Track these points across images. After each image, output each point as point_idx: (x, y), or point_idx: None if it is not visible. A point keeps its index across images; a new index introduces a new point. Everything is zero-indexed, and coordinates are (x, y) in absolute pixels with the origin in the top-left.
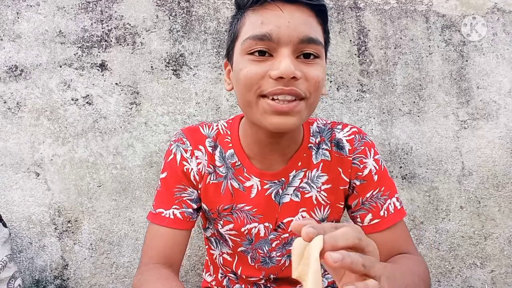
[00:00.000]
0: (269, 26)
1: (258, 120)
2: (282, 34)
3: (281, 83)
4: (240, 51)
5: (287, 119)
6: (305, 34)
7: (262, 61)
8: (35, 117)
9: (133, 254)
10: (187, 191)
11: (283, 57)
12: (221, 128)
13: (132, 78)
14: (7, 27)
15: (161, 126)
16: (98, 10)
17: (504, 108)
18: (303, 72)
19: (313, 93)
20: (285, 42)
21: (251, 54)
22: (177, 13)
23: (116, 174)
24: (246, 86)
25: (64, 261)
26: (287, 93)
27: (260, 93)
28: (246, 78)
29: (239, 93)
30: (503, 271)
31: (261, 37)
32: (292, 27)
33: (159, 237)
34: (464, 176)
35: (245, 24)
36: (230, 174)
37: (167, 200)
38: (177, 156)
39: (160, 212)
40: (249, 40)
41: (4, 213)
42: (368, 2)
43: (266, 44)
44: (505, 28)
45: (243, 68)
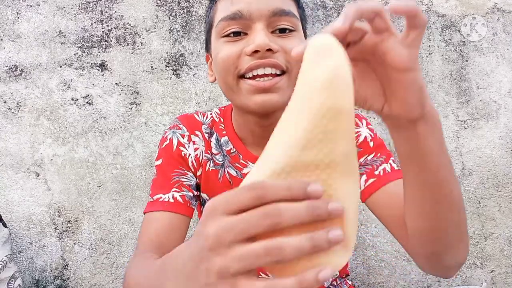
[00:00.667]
0: (239, 4)
1: (242, 102)
2: (253, 9)
3: (257, 58)
4: (215, 36)
5: (270, 96)
6: (276, 6)
7: (237, 41)
8: (35, 117)
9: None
10: (187, 175)
11: (257, 31)
12: (215, 116)
13: (132, 78)
14: (7, 27)
15: (161, 126)
16: (98, 10)
17: (504, 108)
18: (280, 45)
19: (295, 66)
20: (257, 17)
21: (226, 36)
22: (177, 13)
23: (116, 174)
24: (224, 69)
25: (64, 261)
26: (265, 65)
27: (238, 74)
28: (223, 60)
29: (220, 79)
30: (503, 271)
31: (232, 16)
32: (262, 1)
33: (154, 223)
34: (464, 176)
35: (217, 10)
36: (227, 162)
37: (165, 184)
38: (173, 141)
39: (158, 198)
40: (221, 22)
41: (4, 213)
42: None
43: (238, 23)
44: (505, 28)
45: (219, 51)
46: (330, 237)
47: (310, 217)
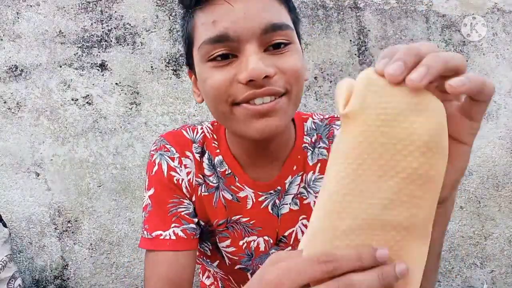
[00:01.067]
0: (222, 24)
1: (240, 130)
2: (240, 29)
3: (253, 86)
4: (200, 59)
5: (271, 121)
6: (267, 21)
7: (227, 65)
8: (35, 117)
9: (133, 254)
10: (183, 204)
11: (249, 55)
12: (206, 131)
13: (132, 78)
14: (7, 27)
15: (161, 126)
16: (98, 10)
17: (504, 108)
18: (277, 66)
19: (294, 85)
20: (246, 37)
21: (213, 60)
22: (177, 13)
23: (116, 174)
24: (215, 97)
25: (64, 261)
26: (263, 95)
27: (232, 102)
28: (213, 88)
29: (211, 107)
30: (503, 271)
31: (217, 39)
32: (249, 18)
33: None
34: (464, 176)
35: (196, 25)
36: (222, 185)
37: (163, 219)
38: (162, 166)
39: (158, 235)
40: (204, 46)
41: (4, 213)
42: (368, 2)
43: (225, 46)
44: (505, 28)
45: (207, 78)
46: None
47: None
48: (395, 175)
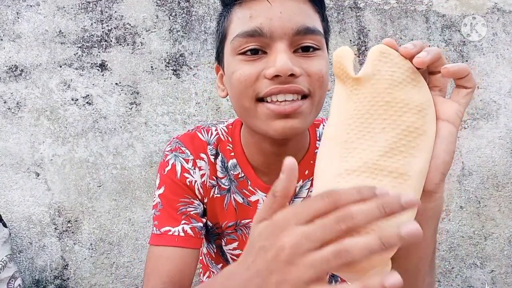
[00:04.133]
0: (258, 20)
1: (260, 127)
2: (274, 27)
3: (278, 82)
4: (230, 52)
5: (291, 122)
6: (301, 24)
7: (256, 60)
8: (35, 117)
9: (133, 254)
10: (193, 204)
11: (278, 52)
12: (221, 133)
13: (132, 78)
14: (7, 27)
15: (161, 126)
16: (98, 10)
17: (504, 108)
18: (303, 68)
19: (318, 90)
20: (279, 35)
21: (243, 54)
22: (177, 13)
23: (116, 174)
24: (240, 91)
25: (64, 261)
26: (286, 92)
27: (256, 97)
28: (240, 81)
29: (235, 100)
30: (503, 271)
31: (251, 33)
32: (285, 18)
33: (164, 260)
34: (464, 176)
35: (232, 21)
36: (233, 187)
37: (172, 216)
38: (176, 167)
39: (166, 231)
40: (238, 38)
41: (4, 213)
42: (368, 2)
43: (257, 41)
44: (505, 28)
45: (235, 71)
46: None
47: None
48: (396, 127)
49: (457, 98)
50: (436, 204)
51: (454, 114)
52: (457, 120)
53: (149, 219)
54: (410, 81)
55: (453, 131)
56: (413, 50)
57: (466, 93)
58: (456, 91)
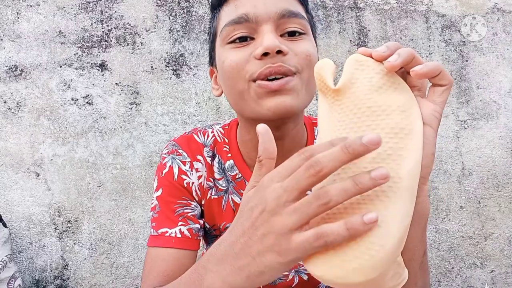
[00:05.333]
0: (244, 8)
1: (254, 109)
2: (259, 11)
3: (268, 61)
4: (220, 43)
5: (283, 98)
6: (284, 7)
7: (244, 46)
8: (35, 117)
9: (133, 254)
10: (191, 205)
11: (265, 33)
12: (217, 135)
13: (132, 78)
14: (7, 27)
15: (161, 126)
16: (98, 10)
17: (504, 108)
18: (290, 48)
19: (306, 68)
20: (264, 19)
21: (232, 42)
22: (177, 13)
23: (116, 174)
24: (232, 76)
25: (64, 261)
26: (276, 72)
27: (249, 78)
28: (231, 67)
29: (228, 88)
30: (503, 271)
31: (237, 19)
32: (269, 4)
33: (161, 261)
34: (464, 176)
35: (221, 18)
36: (231, 188)
37: (169, 218)
38: (174, 169)
39: (163, 232)
40: (226, 28)
41: (4, 213)
42: (368, 2)
43: (244, 27)
44: (505, 28)
45: (226, 59)
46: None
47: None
48: (380, 131)
49: (433, 97)
50: (421, 208)
51: (430, 115)
52: (434, 121)
53: (149, 219)
54: (390, 85)
55: (430, 133)
56: (385, 54)
57: (441, 91)
58: (431, 90)
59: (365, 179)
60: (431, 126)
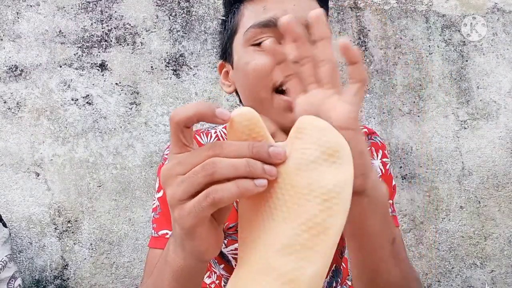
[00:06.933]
0: (273, 11)
1: (276, 119)
2: None
3: None
4: (243, 43)
5: None
6: None
7: None
8: (35, 117)
9: (133, 254)
10: None
11: None
12: (220, 135)
13: (132, 78)
14: (7, 27)
15: (161, 126)
16: (98, 10)
17: (504, 108)
18: None
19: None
20: None
21: (257, 45)
22: (177, 13)
23: (116, 174)
24: (257, 80)
25: (64, 261)
26: None
27: (273, 87)
28: (255, 70)
29: (248, 91)
30: (503, 271)
31: (266, 23)
32: (298, 10)
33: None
34: (464, 176)
35: (244, 15)
36: None
37: (170, 219)
38: None
39: (164, 234)
40: (252, 29)
41: (4, 213)
42: (368, 2)
43: (272, 32)
44: (505, 28)
45: (249, 61)
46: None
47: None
48: (296, 218)
49: (348, 97)
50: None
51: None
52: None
53: (149, 219)
54: (326, 158)
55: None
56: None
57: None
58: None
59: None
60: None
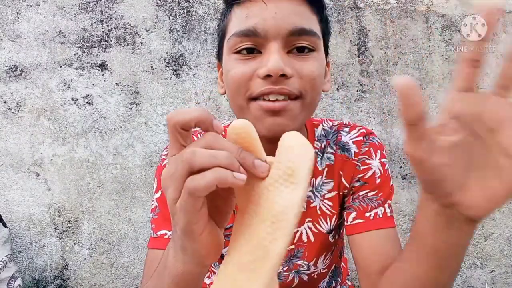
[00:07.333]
0: (254, 20)
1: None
2: (268, 27)
3: (269, 82)
4: (227, 50)
5: (279, 119)
6: (295, 25)
7: (250, 59)
8: (35, 117)
9: (133, 254)
10: None
11: (271, 53)
12: None
13: (132, 78)
14: (7, 27)
15: (161, 126)
16: (98, 10)
17: None
18: (296, 69)
19: (310, 91)
20: (272, 35)
21: (238, 52)
22: (177, 13)
23: (116, 174)
24: (234, 89)
25: (64, 261)
26: (277, 93)
27: (249, 96)
28: (234, 80)
29: (230, 97)
30: (503, 271)
31: (246, 32)
32: (279, 18)
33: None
34: None
35: (231, 19)
36: None
37: (168, 219)
38: None
39: (162, 234)
40: (233, 37)
41: (4, 213)
42: (368, 2)
43: (252, 40)
44: (505, 28)
45: (230, 70)
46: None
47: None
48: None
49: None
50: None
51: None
52: None
53: (149, 219)
54: (286, 178)
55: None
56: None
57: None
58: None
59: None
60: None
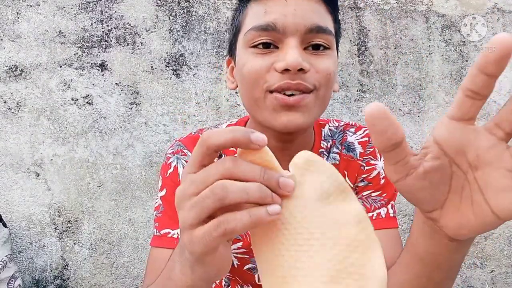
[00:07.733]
0: (273, 15)
1: (267, 119)
2: (288, 23)
3: (287, 76)
4: (243, 44)
5: (295, 115)
6: (313, 23)
7: (267, 53)
8: (35, 117)
9: (133, 254)
10: None
11: (290, 47)
12: None
13: (132, 78)
14: (7, 27)
15: (161, 126)
16: (98, 10)
17: None
18: (312, 64)
19: (324, 85)
20: (291, 31)
21: (255, 46)
22: (177, 13)
23: (116, 174)
24: (251, 82)
25: (64, 261)
26: (295, 88)
27: (267, 89)
28: (250, 72)
29: (245, 90)
30: (503, 271)
31: (265, 27)
32: (298, 15)
33: (162, 262)
34: None
35: (248, 15)
36: None
37: (172, 218)
38: (178, 169)
39: (166, 233)
40: (252, 32)
41: (4, 213)
42: (368, 2)
43: (270, 35)
44: (505, 28)
45: (246, 63)
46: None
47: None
48: (337, 243)
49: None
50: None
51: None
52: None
53: (149, 219)
54: (339, 193)
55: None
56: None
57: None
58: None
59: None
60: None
